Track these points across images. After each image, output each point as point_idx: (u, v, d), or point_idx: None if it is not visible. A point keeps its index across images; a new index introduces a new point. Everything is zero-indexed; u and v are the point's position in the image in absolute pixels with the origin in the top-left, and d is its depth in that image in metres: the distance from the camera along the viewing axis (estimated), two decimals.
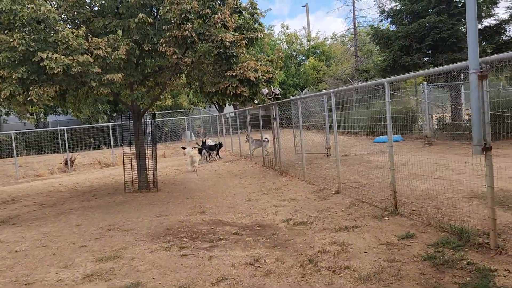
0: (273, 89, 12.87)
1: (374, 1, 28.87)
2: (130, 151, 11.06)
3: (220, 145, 18.32)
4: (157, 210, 8.49)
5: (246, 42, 8.82)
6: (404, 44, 16.13)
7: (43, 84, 8.05)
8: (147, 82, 10.69)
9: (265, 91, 12.22)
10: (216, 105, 40.02)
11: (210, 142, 17.88)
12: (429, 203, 7.09)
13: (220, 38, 8.31)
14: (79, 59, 7.50)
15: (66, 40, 7.46)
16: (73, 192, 12.04)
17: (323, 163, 12.82)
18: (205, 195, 9.80)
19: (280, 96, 13.19)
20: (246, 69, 8.52)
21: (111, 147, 20.53)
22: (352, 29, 26.61)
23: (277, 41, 37.44)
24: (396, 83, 7.42)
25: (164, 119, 24.87)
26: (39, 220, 8.46)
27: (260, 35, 9.42)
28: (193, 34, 8.14)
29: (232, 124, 20.05)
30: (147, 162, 11.03)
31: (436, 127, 17.21)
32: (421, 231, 5.56)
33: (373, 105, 21.82)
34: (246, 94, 8.87)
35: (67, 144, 18.93)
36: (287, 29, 38.85)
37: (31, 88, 7.76)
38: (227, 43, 8.39)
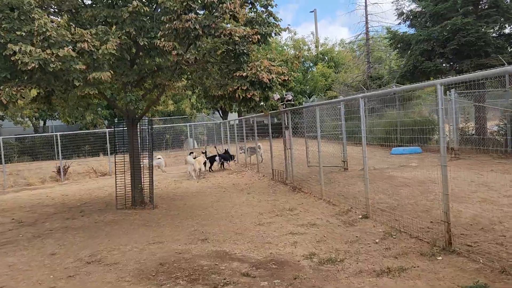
0: (285, 94, 11.58)
1: (392, 2, 27.37)
2: (124, 161, 9.75)
3: (231, 157, 17.00)
4: (150, 234, 7.14)
5: (259, 38, 7.51)
6: (426, 48, 14.82)
7: (18, 83, 6.78)
8: (144, 84, 9.41)
9: (277, 96, 10.93)
10: (220, 112, 38.82)
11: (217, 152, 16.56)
12: (484, 235, 5.73)
13: (228, 31, 7.01)
14: (58, 53, 6.22)
15: (44, 30, 6.19)
16: (59, 207, 10.71)
17: (340, 177, 11.47)
18: (208, 215, 8.46)
19: (293, 102, 11.90)
20: (259, 69, 7.21)
21: (107, 155, 19.22)
22: (364, 34, 25.33)
23: (285, 47, 36.23)
24: (412, 91, 6.15)
25: (165, 125, 23.52)
26: (9, 244, 7.12)
27: (275, 31, 8.10)
28: (197, 27, 6.84)
29: (237, 132, 18.73)
30: (142, 174, 9.71)
31: (459, 138, 15.86)
32: (494, 281, 4.20)
33: (386, 114, 20.55)
34: (257, 99, 7.56)
35: (60, 151, 17.64)
36: (295, 34, 37.70)
37: (1, 87, 6.47)
38: (237, 38, 7.09)
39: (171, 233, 7.15)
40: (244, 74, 7.36)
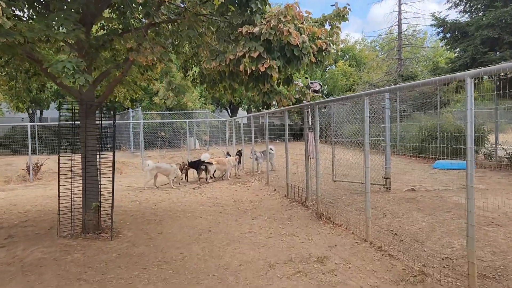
0: (310, 83, 8.45)
1: None
2: (72, 167, 6.66)
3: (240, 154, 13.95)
4: None
5: None
6: (490, 36, 11.54)
7: None
8: (101, 53, 6.29)
9: (300, 83, 7.78)
10: (229, 110, 35.70)
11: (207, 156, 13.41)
12: None
13: None
14: None
15: None
16: None
17: (383, 201, 8.27)
18: (189, 258, 5.34)
19: (320, 95, 8.76)
20: (282, 20, 4.07)
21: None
22: (396, 26, 22.02)
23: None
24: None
25: (159, 121, 20.32)
26: None
27: None
28: None
29: (245, 132, 15.57)
30: (100, 186, 6.63)
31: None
32: None
33: (420, 117, 17.26)
34: (275, 75, 4.42)
35: (29, 146, 14.66)
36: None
37: None
38: None
39: None
40: (256, 30, 4.22)
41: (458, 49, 13.47)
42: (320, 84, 8.90)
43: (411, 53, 23.96)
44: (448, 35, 13.60)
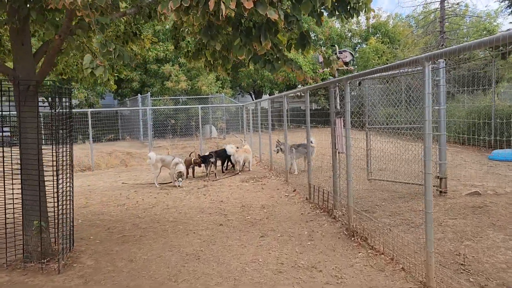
0: (339, 52, 6.34)
1: None
2: (11, 168, 4.88)
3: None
4: None
5: None
6: None
7: None
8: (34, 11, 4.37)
9: (320, 57, 5.66)
10: (252, 95, 33.57)
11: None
12: None
13: None
14: None
15: None
16: None
17: (439, 211, 6.12)
18: None
19: (351, 68, 6.63)
20: None
21: (90, 142, 14.65)
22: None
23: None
24: None
25: (167, 107, 18.41)
26: None
27: None
28: None
29: (262, 118, 13.57)
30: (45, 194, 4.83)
31: None
32: None
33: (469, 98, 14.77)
34: (279, 19, 2.41)
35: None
36: None
37: None
38: None
39: None
40: None
41: None
42: (351, 54, 6.75)
43: (454, 25, 21.09)
44: None
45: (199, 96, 20.03)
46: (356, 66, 26.67)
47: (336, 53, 6.47)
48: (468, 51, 3.10)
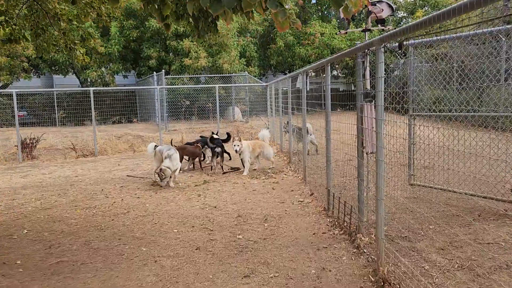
0: (371, 3, 4.27)
1: None
2: None
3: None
4: None
5: None
6: None
7: None
8: None
9: (341, 12, 3.60)
10: (286, 74, 31.36)
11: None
12: None
13: None
14: None
15: None
16: None
17: None
18: None
19: (389, 28, 4.57)
20: None
21: (92, 125, 13.29)
22: None
23: None
24: None
25: (186, 86, 16.64)
26: None
27: None
28: None
29: (284, 100, 11.56)
30: None
31: None
32: None
33: None
34: None
35: (16, 117, 12.00)
36: None
37: None
38: None
39: None
40: None
41: None
42: (390, 7, 4.64)
43: None
44: None
45: (221, 75, 18.20)
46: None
47: (367, 6, 4.35)
48: None
